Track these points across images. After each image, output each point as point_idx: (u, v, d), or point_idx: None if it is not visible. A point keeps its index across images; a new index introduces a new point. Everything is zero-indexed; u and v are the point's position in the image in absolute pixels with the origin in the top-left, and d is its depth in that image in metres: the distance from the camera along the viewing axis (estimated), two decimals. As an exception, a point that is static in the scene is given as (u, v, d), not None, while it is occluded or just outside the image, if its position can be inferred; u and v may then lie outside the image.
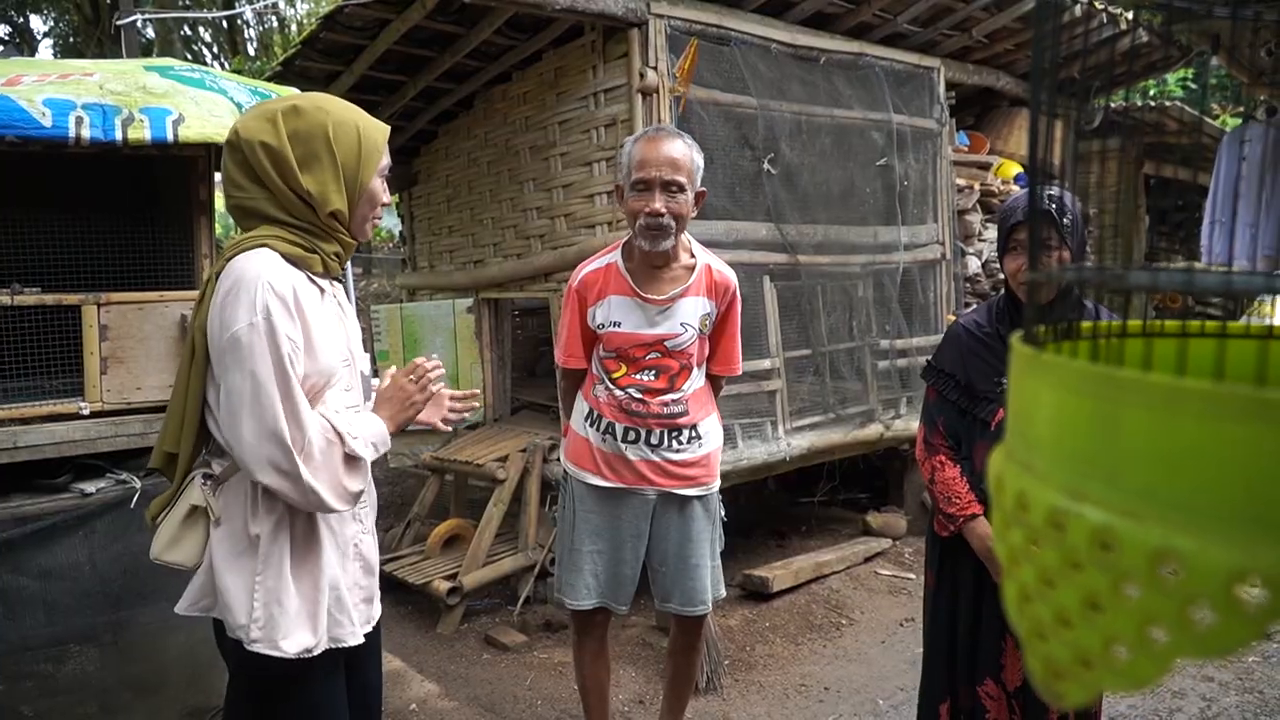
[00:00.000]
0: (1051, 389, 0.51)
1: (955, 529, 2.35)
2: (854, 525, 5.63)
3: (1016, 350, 0.57)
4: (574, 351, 2.83)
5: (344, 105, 1.87)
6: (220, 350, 1.69)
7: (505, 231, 5.29)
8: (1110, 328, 0.70)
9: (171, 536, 1.79)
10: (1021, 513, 0.51)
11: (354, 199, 1.84)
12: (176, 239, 3.10)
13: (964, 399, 2.38)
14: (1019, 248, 2.24)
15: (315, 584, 1.81)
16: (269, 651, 1.74)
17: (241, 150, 1.78)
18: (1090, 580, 0.46)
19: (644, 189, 2.60)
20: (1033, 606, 0.50)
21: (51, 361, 2.87)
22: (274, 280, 1.70)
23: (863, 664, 4.04)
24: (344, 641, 1.86)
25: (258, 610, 1.74)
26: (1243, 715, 3.44)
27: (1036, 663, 0.50)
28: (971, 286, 5.97)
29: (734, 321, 2.85)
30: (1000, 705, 2.33)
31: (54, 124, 2.60)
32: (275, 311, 1.67)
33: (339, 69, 5.04)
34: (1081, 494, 0.47)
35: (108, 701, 2.95)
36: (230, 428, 1.69)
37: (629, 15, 4.08)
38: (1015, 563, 0.52)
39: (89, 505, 2.84)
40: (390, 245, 17.05)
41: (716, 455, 2.88)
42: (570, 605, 2.86)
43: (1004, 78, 6.19)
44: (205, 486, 1.79)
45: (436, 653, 4.19)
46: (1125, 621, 0.44)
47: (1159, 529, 0.43)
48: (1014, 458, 0.55)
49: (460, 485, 5.35)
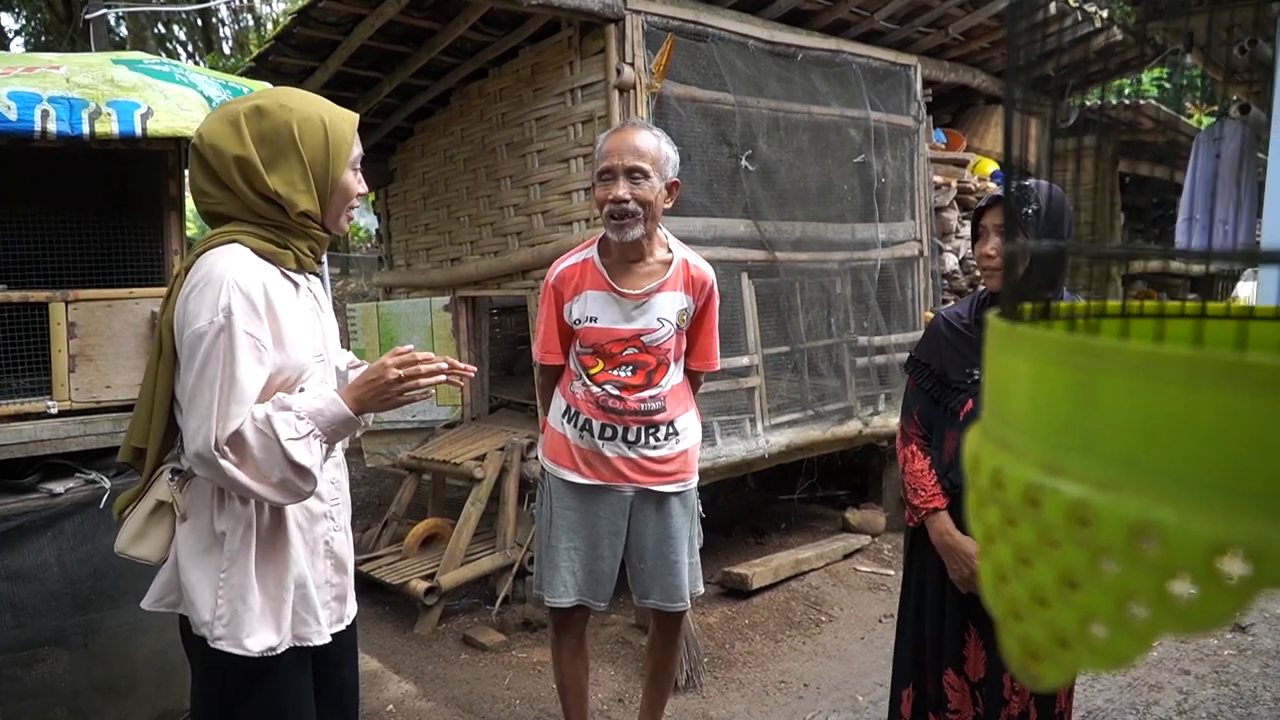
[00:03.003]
0: (1028, 361, 0.49)
1: (920, 520, 2.38)
2: (833, 522, 5.64)
3: (993, 326, 0.55)
4: (551, 348, 2.82)
5: (308, 99, 1.84)
6: (180, 345, 1.68)
7: (482, 229, 5.26)
8: (1089, 307, 0.69)
9: (137, 530, 1.78)
10: (997, 491, 0.50)
11: (325, 195, 1.81)
12: (146, 235, 3.05)
13: (937, 388, 2.42)
14: (984, 233, 2.30)
15: (280, 581, 1.79)
16: (232, 650, 1.72)
17: (205, 156, 1.75)
18: (1067, 557, 0.45)
19: (609, 178, 2.61)
20: (1009, 587, 0.49)
21: (18, 360, 2.81)
22: (240, 278, 1.67)
23: (842, 660, 4.03)
24: (309, 640, 1.84)
25: (222, 608, 1.72)
26: (1219, 708, 3.46)
27: (1013, 644, 0.49)
28: (949, 283, 5.98)
29: (712, 317, 2.84)
30: (963, 696, 2.35)
31: (19, 117, 2.55)
32: (237, 310, 1.65)
33: (313, 65, 4.99)
34: (1058, 468, 0.46)
35: (77, 705, 2.90)
36: (184, 420, 1.69)
37: (606, 11, 4.06)
38: (991, 542, 0.51)
39: (57, 505, 2.79)
40: (368, 245, 16.94)
41: (694, 452, 2.87)
42: (548, 602, 2.84)
43: (980, 75, 6.22)
44: (172, 482, 1.77)
45: (414, 653, 4.15)
46: (1103, 598, 0.43)
47: (1138, 501, 0.42)
48: (990, 435, 0.53)
49: (438, 484, 5.31)
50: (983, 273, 2.31)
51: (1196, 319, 0.71)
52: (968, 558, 2.25)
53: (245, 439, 1.65)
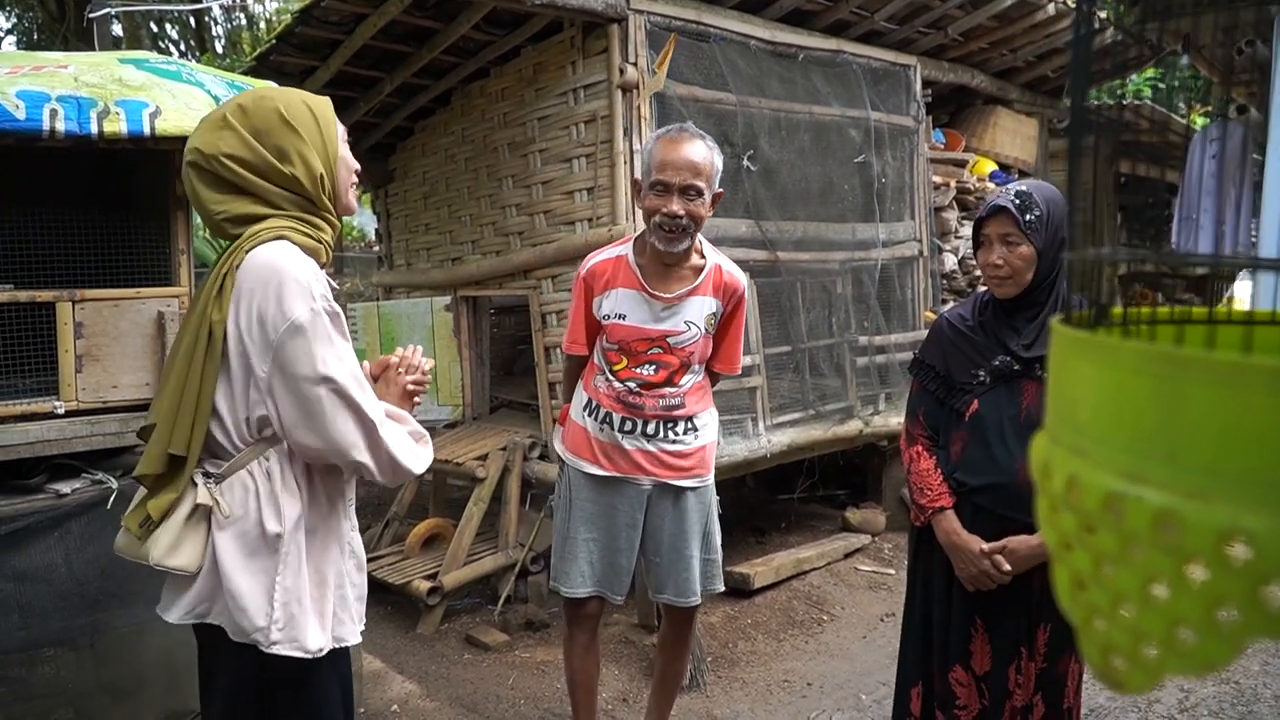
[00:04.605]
0: (1104, 369, 0.50)
1: (926, 519, 2.39)
2: (833, 521, 5.65)
3: (1059, 333, 0.56)
4: (577, 338, 2.88)
5: (282, 89, 1.88)
6: (277, 342, 1.64)
7: (484, 229, 5.25)
8: (1140, 314, 0.69)
9: (173, 540, 1.69)
10: (1073, 497, 0.50)
11: (330, 168, 1.83)
12: (153, 234, 3.04)
13: (942, 390, 2.42)
14: (986, 242, 2.28)
15: (324, 580, 1.78)
16: (292, 653, 1.69)
17: (210, 167, 1.74)
18: (1151, 563, 0.45)
19: (663, 191, 2.62)
20: (1087, 593, 0.50)
21: (25, 359, 2.80)
22: (313, 269, 1.72)
23: (844, 659, 4.05)
24: (346, 640, 1.84)
25: (278, 611, 1.68)
26: (1220, 705, 3.48)
27: (1093, 650, 0.49)
28: (948, 283, 6.00)
29: (739, 323, 2.89)
30: (970, 691, 2.36)
31: (28, 117, 2.54)
32: (330, 298, 1.70)
33: (314, 64, 4.98)
34: (1140, 476, 0.46)
35: (83, 706, 2.89)
36: (311, 416, 1.66)
37: (608, 11, 4.06)
38: (1067, 548, 0.51)
39: (64, 506, 2.78)
40: (362, 245, 16.91)
41: (712, 449, 2.91)
42: (565, 593, 2.87)
43: (979, 76, 6.24)
44: (211, 485, 1.71)
45: (417, 653, 4.15)
46: (1191, 604, 0.43)
47: (1226, 508, 0.42)
48: (1060, 442, 0.54)
49: (439, 484, 5.31)
50: (988, 281, 2.31)
51: (1245, 325, 0.71)
52: (975, 556, 2.26)
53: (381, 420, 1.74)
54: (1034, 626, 2.30)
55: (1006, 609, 2.30)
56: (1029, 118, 6.76)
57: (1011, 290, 2.26)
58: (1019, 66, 6.40)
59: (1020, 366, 2.28)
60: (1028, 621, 2.30)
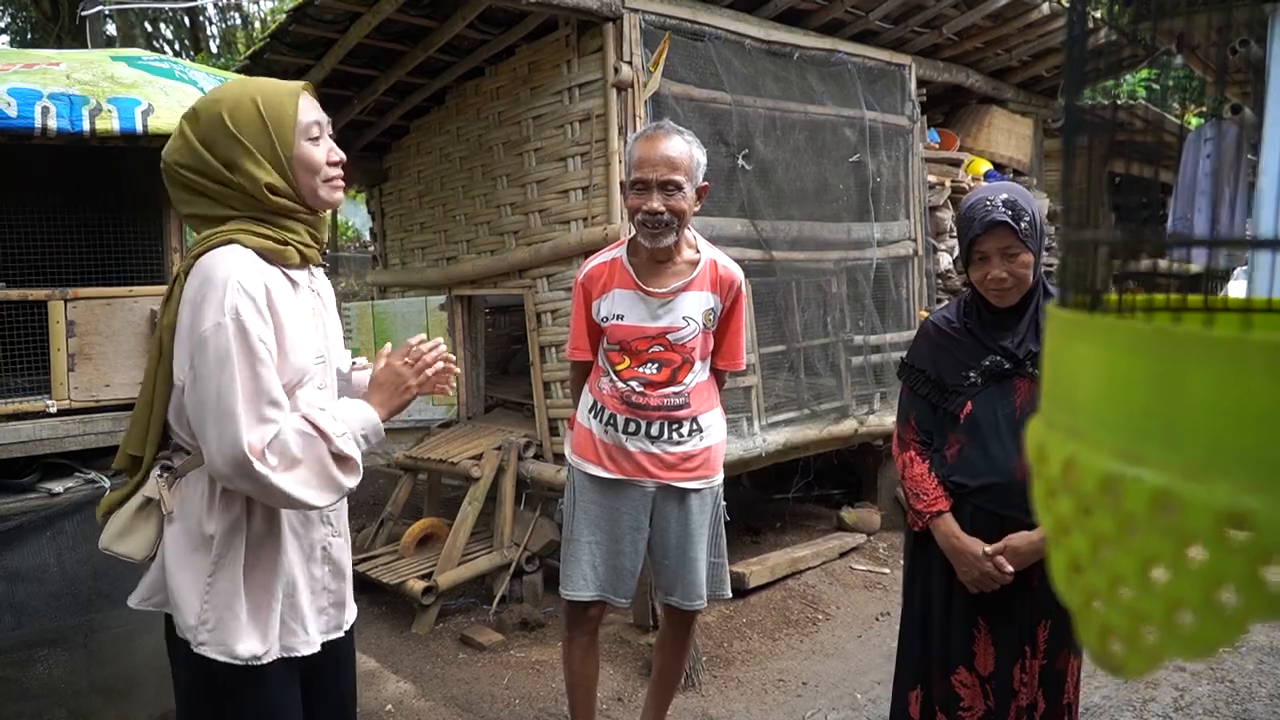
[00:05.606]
0: (1100, 349, 0.49)
1: (924, 524, 2.38)
2: (828, 521, 5.64)
3: (1055, 316, 0.55)
4: (580, 344, 2.89)
5: (242, 84, 1.80)
6: (188, 351, 1.64)
7: (479, 228, 5.24)
8: (1136, 301, 0.69)
9: (122, 527, 1.74)
10: (1070, 480, 0.50)
11: (284, 171, 1.75)
12: (146, 233, 3.04)
13: (934, 393, 2.42)
14: (981, 258, 2.26)
15: (269, 588, 1.75)
16: (217, 655, 1.68)
17: (169, 173, 1.77)
18: (1150, 546, 0.45)
19: (643, 189, 2.65)
20: (1085, 576, 0.49)
21: (17, 358, 2.79)
22: (243, 279, 1.64)
23: (840, 658, 4.04)
24: (296, 651, 1.80)
25: (207, 612, 1.68)
26: (1215, 704, 3.48)
27: (1091, 634, 0.49)
28: (943, 282, 6.00)
29: (739, 317, 2.89)
30: (974, 692, 2.35)
31: (19, 114, 2.53)
32: (244, 311, 1.62)
33: (309, 63, 4.96)
34: (1137, 457, 0.46)
35: (76, 706, 2.88)
36: (199, 430, 1.65)
37: (603, 9, 4.06)
38: (1064, 532, 0.51)
39: (57, 505, 2.77)
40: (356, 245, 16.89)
41: (719, 449, 2.90)
42: (568, 596, 2.86)
43: (973, 75, 6.24)
44: (161, 479, 1.74)
45: (412, 653, 4.14)
46: (1191, 586, 0.43)
47: (1225, 489, 0.42)
48: (1056, 425, 0.53)
49: (434, 484, 5.30)
50: (990, 295, 2.29)
51: (1242, 312, 0.71)
52: (977, 559, 2.26)
53: (285, 441, 1.64)
54: (1035, 623, 2.30)
55: (1008, 607, 2.29)
56: (1024, 117, 6.76)
57: (1015, 298, 2.26)
58: (1014, 66, 6.41)
59: (1011, 365, 2.28)
60: (1029, 619, 2.30)
